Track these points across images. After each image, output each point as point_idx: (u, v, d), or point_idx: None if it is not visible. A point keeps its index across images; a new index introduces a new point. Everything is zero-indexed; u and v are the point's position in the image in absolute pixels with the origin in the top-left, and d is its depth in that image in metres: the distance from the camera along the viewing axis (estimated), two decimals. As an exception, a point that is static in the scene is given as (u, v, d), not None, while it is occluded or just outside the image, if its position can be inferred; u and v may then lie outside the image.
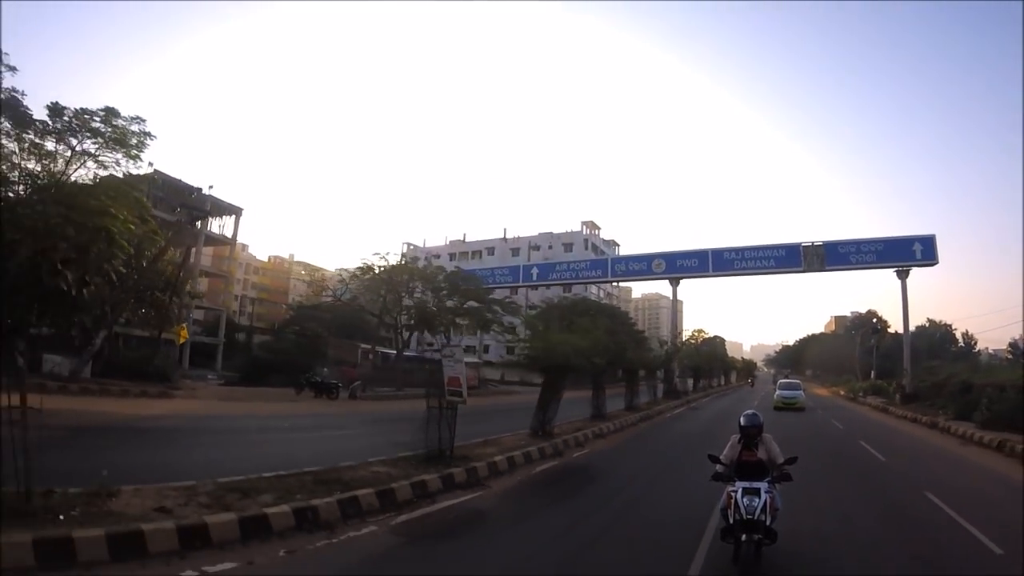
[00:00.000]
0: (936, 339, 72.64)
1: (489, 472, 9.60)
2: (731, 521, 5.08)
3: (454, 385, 9.31)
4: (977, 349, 69.03)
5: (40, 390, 17.05)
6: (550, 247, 78.83)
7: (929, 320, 77.45)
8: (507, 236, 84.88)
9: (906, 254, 32.57)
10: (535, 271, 47.32)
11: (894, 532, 7.10)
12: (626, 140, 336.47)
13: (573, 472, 10.82)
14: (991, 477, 11.48)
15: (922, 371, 34.27)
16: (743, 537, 4.91)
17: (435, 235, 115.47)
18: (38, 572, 4.41)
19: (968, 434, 17.18)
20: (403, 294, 32.10)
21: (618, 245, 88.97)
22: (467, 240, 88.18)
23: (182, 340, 25.06)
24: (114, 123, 18.01)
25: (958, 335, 73.92)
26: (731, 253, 36.53)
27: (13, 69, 17.03)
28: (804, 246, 34.80)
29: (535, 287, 52.33)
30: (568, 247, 77.84)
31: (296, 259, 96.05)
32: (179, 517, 5.58)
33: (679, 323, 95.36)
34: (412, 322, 33.97)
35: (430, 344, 40.33)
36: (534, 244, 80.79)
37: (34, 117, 17.16)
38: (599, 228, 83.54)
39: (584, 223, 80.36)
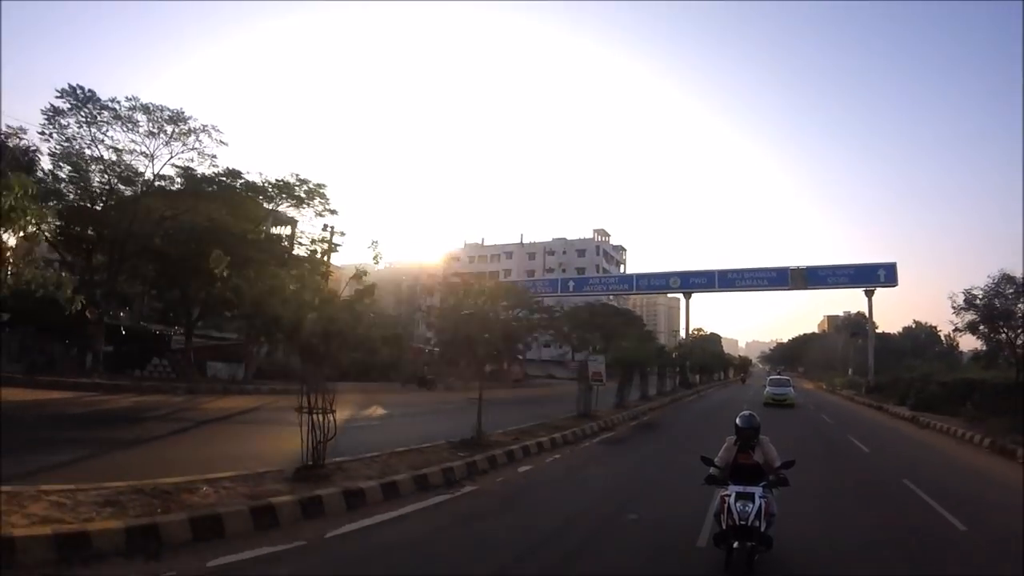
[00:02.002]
0: (922, 339, 79.76)
1: (612, 424, 17.42)
2: (724, 526, 4.90)
3: (596, 377, 17.12)
4: (960, 349, 75.43)
5: (240, 393, 24.20)
6: (564, 252, 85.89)
7: (915, 322, 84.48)
8: (524, 241, 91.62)
9: (872, 277, 40.78)
10: (571, 284, 55.30)
11: (824, 449, 14.94)
12: (634, 154, 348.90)
13: (652, 425, 18.68)
14: (890, 430, 19.54)
15: (903, 368, 42.00)
16: (735, 544, 4.73)
17: (452, 238, 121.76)
18: (510, 465, 11.33)
19: (898, 413, 25.21)
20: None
21: (625, 250, 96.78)
22: (485, 244, 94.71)
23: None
24: (310, 190, 25.44)
25: (942, 336, 79.49)
26: (733, 273, 44.76)
27: (224, 143, 24.19)
28: (791, 269, 43.14)
29: (570, 296, 59.93)
30: (581, 252, 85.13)
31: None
32: (528, 441, 12.63)
33: (678, 322, 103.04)
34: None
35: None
36: (549, 249, 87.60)
37: (260, 184, 24.53)
38: (609, 235, 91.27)
39: (596, 231, 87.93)
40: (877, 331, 76.15)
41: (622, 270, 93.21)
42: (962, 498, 9.16)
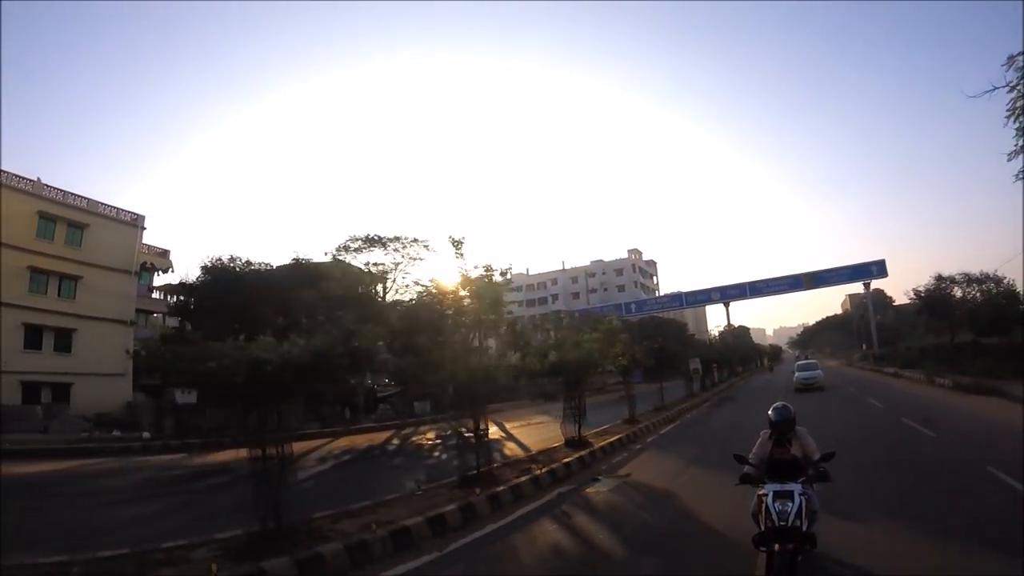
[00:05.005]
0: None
1: (707, 399, 29.52)
2: (763, 528, 4.56)
3: (696, 373, 29.31)
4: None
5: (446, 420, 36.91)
6: (604, 273, 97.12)
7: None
8: (565, 267, 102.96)
9: (867, 274, 52.70)
10: (633, 306, 67.53)
11: (831, 394, 26.90)
12: (654, 175, 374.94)
13: (729, 398, 30.66)
14: (875, 381, 31.49)
15: (914, 339, 52.70)
16: (776, 547, 4.36)
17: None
18: (680, 416, 23.97)
19: (888, 372, 36.96)
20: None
21: (656, 263, 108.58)
22: (530, 273, 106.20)
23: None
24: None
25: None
26: (760, 283, 57.00)
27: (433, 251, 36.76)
28: (803, 274, 55.35)
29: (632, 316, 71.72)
30: (619, 272, 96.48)
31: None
32: (680, 407, 25.04)
33: (705, 322, 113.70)
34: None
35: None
36: (590, 272, 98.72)
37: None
38: (641, 252, 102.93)
39: (630, 250, 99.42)
40: (895, 304, 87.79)
41: (655, 282, 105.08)
42: (890, 400, 21.10)
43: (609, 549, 6.60)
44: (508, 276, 11.19)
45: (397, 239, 34.65)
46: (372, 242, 33.88)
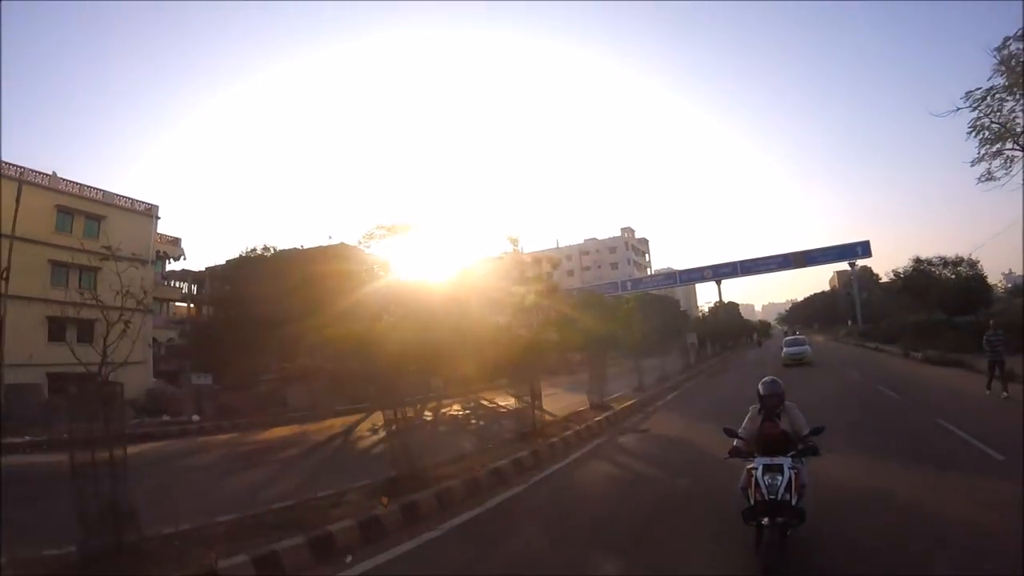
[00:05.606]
0: (921, 285, 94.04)
1: (703, 369, 32.11)
2: (752, 502, 4.64)
3: (693, 345, 31.84)
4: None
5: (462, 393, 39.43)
6: (597, 251, 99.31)
7: (916, 269, 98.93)
8: (559, 245, 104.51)
9: (852, 254, 55.63)
10: (629, 284, 70.04)
11: (818, 367, 29.61)
12: (646, 154, 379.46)
13: (723, 370, 33.16)
14: (858, 355, 34.39)
15: (901, 315, 55.54)
16: (765, 520, 4.48)
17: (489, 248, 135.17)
18: (684, 384, 26.49)
19: (870, 346, 39.80)
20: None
21: (648, 241, 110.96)
22: (523, 251, 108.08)
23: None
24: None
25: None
26: (749, 262, 59.84)
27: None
28: (793, 254, 58.15)
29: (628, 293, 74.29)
30: (612, 250, 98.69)
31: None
32: (678, 379, 27.62)
33: (694, 298, 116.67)
34: None
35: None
36: (583, 250, 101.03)
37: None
38: (633, 231, 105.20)
39: (623, 229, 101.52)
40: (881, 282, 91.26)
41: (647, 259, 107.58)
42: (867, 371, 23.72)
43: (651, 474, 9.03)
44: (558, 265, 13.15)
45: (417, 226, 36.53)
46: (394, 230, 35.70)
